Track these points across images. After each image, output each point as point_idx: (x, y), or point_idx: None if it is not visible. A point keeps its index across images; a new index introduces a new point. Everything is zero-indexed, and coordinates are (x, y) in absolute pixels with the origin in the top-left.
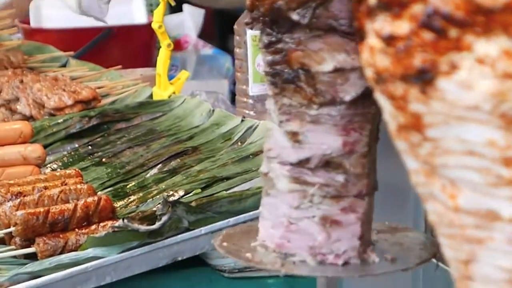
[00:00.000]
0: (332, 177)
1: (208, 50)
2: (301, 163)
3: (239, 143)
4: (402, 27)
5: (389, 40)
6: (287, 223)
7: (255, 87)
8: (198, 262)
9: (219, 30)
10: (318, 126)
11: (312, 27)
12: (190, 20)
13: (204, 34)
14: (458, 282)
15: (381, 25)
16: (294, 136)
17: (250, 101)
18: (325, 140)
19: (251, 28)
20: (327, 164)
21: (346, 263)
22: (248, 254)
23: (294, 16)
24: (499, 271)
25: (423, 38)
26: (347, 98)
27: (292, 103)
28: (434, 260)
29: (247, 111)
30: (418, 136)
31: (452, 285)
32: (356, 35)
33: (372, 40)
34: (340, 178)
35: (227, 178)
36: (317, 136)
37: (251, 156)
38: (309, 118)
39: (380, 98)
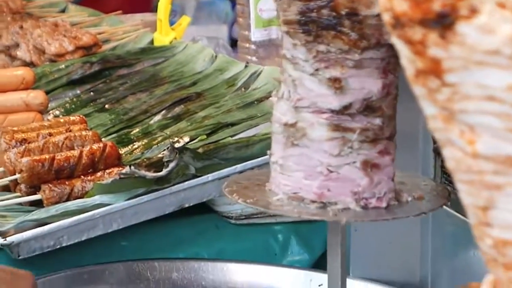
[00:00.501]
0: (370, 121)
1: None
2: (343, 110)
3: (243, 89)
4: None
5: None
6: (326, 172)
7: (257, 32)
8: (204, 209)
9: None
10: (360, 71)
11: None
12: None
13: None
14: (475, 228)
15: None
16: (335, 83)
17: (252, 46)
18: (366, 84)
19: None
20: (366, 108)
21: (388, 205)
22: (288, 208)
23: None
24: None
25: None
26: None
27: (330, 50)
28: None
29: (249, 57)
30: (436, 81)
31: (460, 229)
32: None
33: None
34: (378, 121)
35: (232, 124)
36: (359, 80)
37: (255, 102)
38: (351, 64)
39: (398, 43)
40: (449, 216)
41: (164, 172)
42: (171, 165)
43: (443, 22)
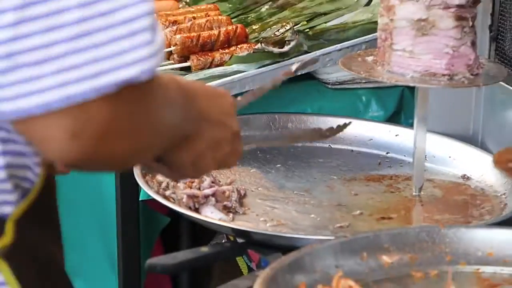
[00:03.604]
0: (473, 11)
1: None
2: (465, 4)
3: None
4: None
5: None
6: (452, 52)
7: None
8: (309, 77)
9: None
10: None
11: None
12: None
13: None
14: None
15: None
16: None
17: None
18: None
19: None
20: (474, 1)
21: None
22: (436, 81)
23: None
24: None
25: None
26: None
27: None
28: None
29: None
30: None
31: (509, 99)
32: None
33: None
34: (475, 10)
35: (324, 14)
36: None
37: None
38: None
39: None
40: (500, 87)
41: (286, 48)
42: (292, 43)
43: None
